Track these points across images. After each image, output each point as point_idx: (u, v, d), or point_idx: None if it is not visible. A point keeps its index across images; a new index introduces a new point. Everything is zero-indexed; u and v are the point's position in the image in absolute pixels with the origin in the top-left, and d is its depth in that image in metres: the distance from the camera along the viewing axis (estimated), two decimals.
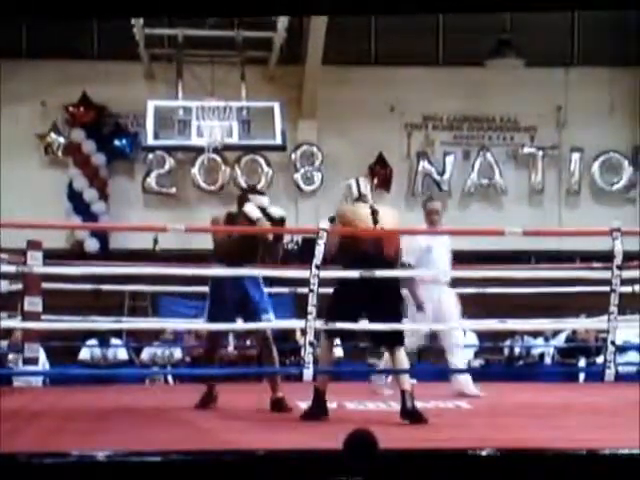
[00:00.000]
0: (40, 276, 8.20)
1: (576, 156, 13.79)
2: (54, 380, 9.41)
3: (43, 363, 9.80)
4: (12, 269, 7.73)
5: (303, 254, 9.81)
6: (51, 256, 8.57)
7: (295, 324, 6.79)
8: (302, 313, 6.15)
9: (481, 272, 7.97)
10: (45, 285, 8.28)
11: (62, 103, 13.19)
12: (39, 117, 13.20)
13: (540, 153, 13.81)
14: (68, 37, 12.84)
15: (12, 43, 12.86)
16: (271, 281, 7.35)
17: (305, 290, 6.12)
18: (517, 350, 11.49)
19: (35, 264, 7.91)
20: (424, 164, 13.69)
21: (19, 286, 8.38)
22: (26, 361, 8.42)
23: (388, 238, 6.06)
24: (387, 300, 5.99)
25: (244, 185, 12.62)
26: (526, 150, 13.86)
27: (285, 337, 9.93)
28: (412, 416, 5.75)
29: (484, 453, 4.56)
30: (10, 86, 12.81)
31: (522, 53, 12.97)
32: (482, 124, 13.93)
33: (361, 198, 6.12)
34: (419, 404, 5.91)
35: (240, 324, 6.57)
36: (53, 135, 13.23)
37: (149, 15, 10.10)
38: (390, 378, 7.01)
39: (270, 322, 6.45)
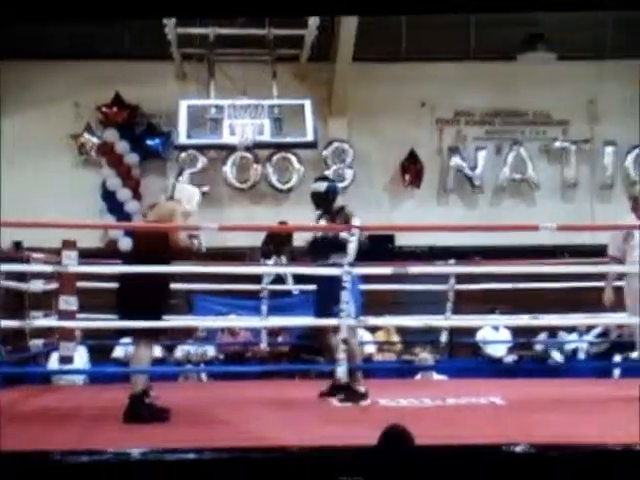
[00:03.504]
0: (75, 275, 8.28)
1: (609, 150, 13.66)
2: (90, 378, 9.51)
3: (85, 362, 9.93)
4: (48, 269, 7.83)
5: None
6: (86, 255, 8.65)
7: (327, 322, 6.77)
8: None
9: (514, 267, 7.95)
10: (80, 284, 8.36)
11: (95, 103, 13.25)
12: (72, 118, 13.27)
13: (573, 147, 13.69)
14: (100, 38, 12.88)
15: (45, 44, 12.95)
16: (300, 278, 7.34)
17: None
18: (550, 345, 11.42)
19: (70, 263, 7.98)
20: (456, 159, 13.62)
21: (54, 285, 8.47)
22: (62, 360, 8.52)
23: (149, 234, 6.31)
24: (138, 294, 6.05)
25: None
26: (559, 144, 13.74)
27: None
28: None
29: (518, 449, 4.55)
30: (44, 87, 12.95)
31: (554, 47, 12.87)
32: (514, 118, 13.83)
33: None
34: (452, 400, 5.87)
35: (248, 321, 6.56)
36: (86, 135, 13.31)
37: (181, 15, 10.12)
38: None
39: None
